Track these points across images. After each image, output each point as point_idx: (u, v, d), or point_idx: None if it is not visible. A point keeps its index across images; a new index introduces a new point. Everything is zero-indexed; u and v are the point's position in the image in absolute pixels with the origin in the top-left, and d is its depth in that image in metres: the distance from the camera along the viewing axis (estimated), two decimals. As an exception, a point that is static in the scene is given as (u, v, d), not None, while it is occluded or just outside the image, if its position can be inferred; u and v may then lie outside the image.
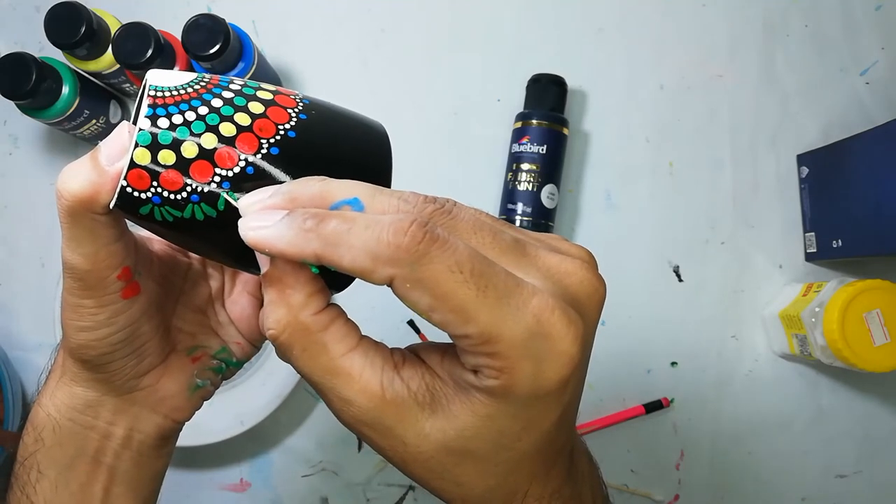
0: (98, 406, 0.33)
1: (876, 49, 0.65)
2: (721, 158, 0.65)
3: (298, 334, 0.24)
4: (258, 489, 0.63)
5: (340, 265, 0.22)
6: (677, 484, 0.63)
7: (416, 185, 0.70)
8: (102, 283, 0.28)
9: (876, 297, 0.54)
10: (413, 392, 0.24)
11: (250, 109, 0.26)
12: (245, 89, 0.27)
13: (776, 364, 0.63)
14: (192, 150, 0.25)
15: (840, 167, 0.59)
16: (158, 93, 0.26)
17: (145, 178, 0.25)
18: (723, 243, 0.64)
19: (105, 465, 0.33)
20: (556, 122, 0.62)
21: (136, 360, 0.32)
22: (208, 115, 0.25)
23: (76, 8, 0.55)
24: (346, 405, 0.24)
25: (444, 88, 0.67)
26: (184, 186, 0.25)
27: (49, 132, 0.67)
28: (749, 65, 0.66)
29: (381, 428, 0.24)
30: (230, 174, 0.25)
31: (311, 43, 0.67)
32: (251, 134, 0.25)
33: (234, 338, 0.37)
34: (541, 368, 0.22)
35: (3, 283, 0.66)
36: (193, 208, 0.25)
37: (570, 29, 0.67)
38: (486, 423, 0.23)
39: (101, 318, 0.29)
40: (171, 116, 0.25)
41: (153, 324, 0.32)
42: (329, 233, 0.22)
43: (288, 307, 0.24)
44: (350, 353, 0.24)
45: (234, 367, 0.37)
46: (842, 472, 0.63)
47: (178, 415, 0.35)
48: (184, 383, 0.34)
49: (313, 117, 0.27)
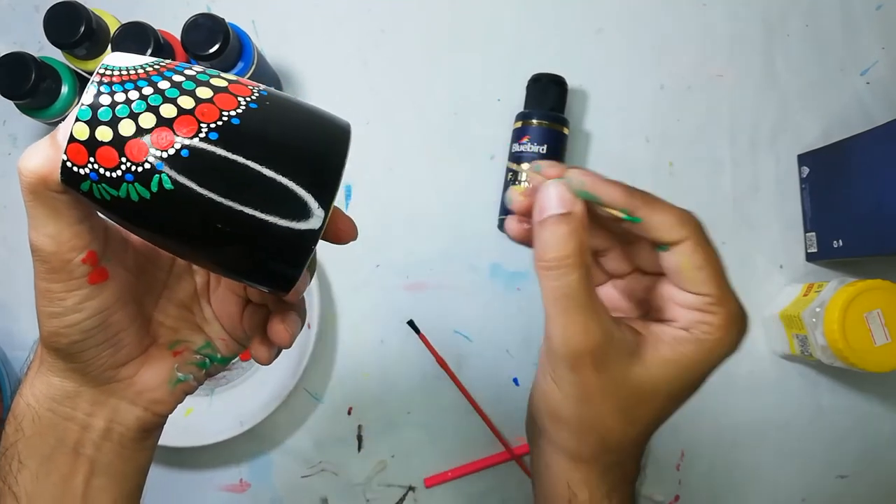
0: (76, 397, 0.33)
1: (876, 49, 0.65)
2: (721, 158, 0.65)
3: (583, 264, 0.31)
4: (258, 490, 0.63)
5: (649, 217, 0.31)
6: (678, 484, 0.63)
7: (417, 185, 0.71)
8: (67, 266, 0.29)
9: (876, 297, 0.54)
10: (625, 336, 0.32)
11: (197, 94, 0.26)
12: (199, 76, 0.27)
13: (777, 364, 0.63)
14: (130, 128, 0.25)
15: (840, 167, 0.59)
16: (108, 71, 0.26)
17: (83, 153, 0.25)
18: (723, 243, 0.64)
19: (85, 456, 0.33)
20: (557, 122, 0.62)
21: (112, 350, 0.32)
22: (151, 96, 0.25)
23: (75, 7, 0.55)
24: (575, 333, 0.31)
25: (444, 88, 0.66)
26: (119, 164, 0.25)
27: (48, 132, 0.67)
28: (749, 65, 0.66)
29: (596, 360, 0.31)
30: (165, 155, 0.25)
31: (311, 43, 0.67)
32: (191, 117, 0.25)
33: (219, 334, 0.36)
34: (737, 339, 0.32)
35: (3, 283, 0.66)
36: (128, 188, 0.25)
37: (570, 29, 0.67)
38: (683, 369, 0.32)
39: (70, 304, 0.29)
40: (115, 94, 0.25)
41: (128, 313, 0.32)
42: (648, 198, 0.32)
43: (582, 241, 0.31)
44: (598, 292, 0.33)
45: (219, 364, 0.37)
46: (842, 472, 0.63)
47: (158, 408, 0.35)
48: (164, 376, 0.34)
49: (266, 108, 0.27)
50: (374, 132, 0.66)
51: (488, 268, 0.65)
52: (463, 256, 0.65)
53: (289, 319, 0.35)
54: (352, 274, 0.65)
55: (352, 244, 0.70)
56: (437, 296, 0.64)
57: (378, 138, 0.66)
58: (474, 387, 0.63)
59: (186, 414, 0.61)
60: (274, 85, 0.63)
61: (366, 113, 0.66)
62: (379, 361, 0.63)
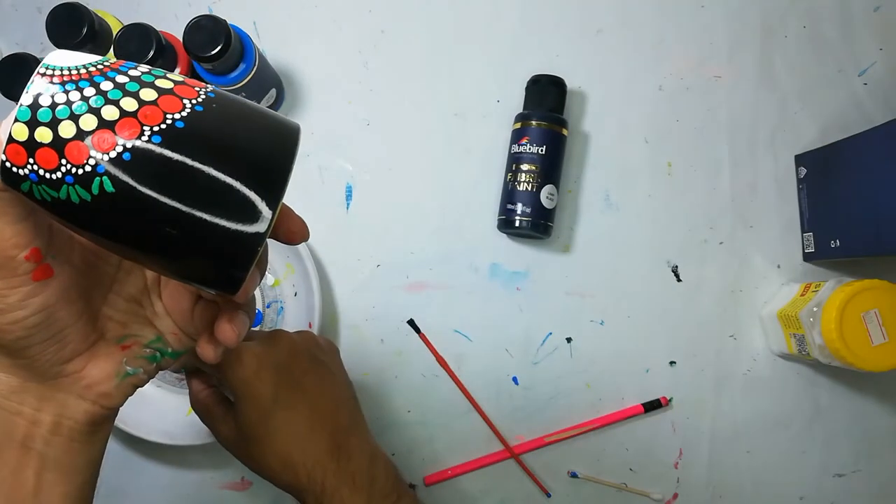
0: (22, 392, 0.33)
1: (874, 50, 0.65)
2: (719, 159, 0.65)
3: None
4: (259, 488, 0.64)
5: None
6: (676, 483, 0.63)
7: (417, 185, 0.71)
8: (10, 263, 0.28)
9: (874, 297, 0.54)
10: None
11: (140, 96, 0.25)
12: (144, 76, 0.26)
13: (774, 363, 0.64)
14: (70, 130, 0.24)
15: (838, 167, 0.59)
16: (49, 70, 0.25)
17: (22, 154, 0.25)
18: (721, 243, 0.65)
19: (35, 451, 0.33)
20: (556, 123, 0.62)
21: (57, 347, 0.32)
22: (93, 98, 0.25)
23: (78, 9, 0.55)
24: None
25: (444, 89, 0.67)
26: (59, 166, 0.24)
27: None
28: (748, 65, 0.66)
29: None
30: (106, 157, 0.24)
31: (312, 44, 0.68)
32: (134, 119, 0.25)
33: (171, 329, 0.36)
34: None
35: None
36: (68, 189, 0.25)
37: (570, 29, 0.67)
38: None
39: (13, 300, 0.29)
40: (55, 95, 0.25)
41: (73, 309, 0.32)
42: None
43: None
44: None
45: (169, 357, 0.37)
46: (840, 472, 0.63)
47: (106, 401, 0.34)
48: (111, 370, 0.34)
49: (211, 110, 0.26)
50: (374, 132, 0.67)
51: (488, 268, 0.65)
52: (463, 256, 0.65)
53: (236, 319, 0.35)
54: (352, 274, 0.65)
55: (352, 244, 0.71)
56: (437, 296, 0.64)
57: (378, 138, 0.66)
58: (474, 386, 0.64)
59: (188, 413, 0.61)
60: (275, 86, 0.64)
61: (366, 113, 0.67)
62: (379, 361, 0.64)
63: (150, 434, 0.59)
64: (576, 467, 0.63)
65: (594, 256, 0.65)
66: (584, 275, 0.65)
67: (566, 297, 0.65)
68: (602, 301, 0.64)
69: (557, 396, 0.64)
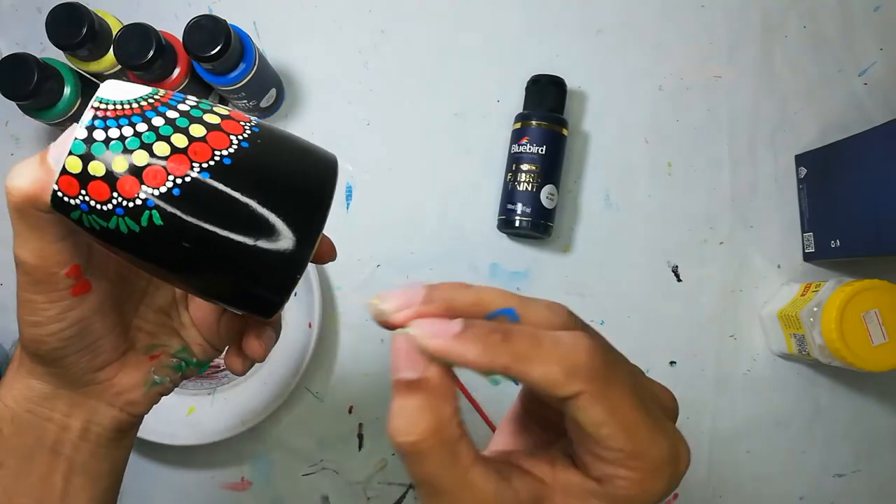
0: (54, 399, 0.33)
1: (874, 50, 0.65)
2: (720, 159, 0.65)
3: (442, 445, 0.24)
4: (259, 488, 0.64)
5: (527, 378, 0.24)
6: (676, 483, 0.63)
7: (417, 185, 0.71)
8: (51, 279, 0.29)
9: (874, 297, 0.54)
10: (522, 500, 0.25)
11: (190, 132, 0.26)
12: (193, 111, 0.27)
13: (774, 363, 0.64)
14: (123, 165, 0.25)
15: (838, 167, 0.59)
16: (102, 104, 0.26)
17: (74, 186, 0.25)
18: (721, 243, 0.65)
19: (64, 456, 0.34)
20: (556, 123, 0.62)
21: (91, 356, 0.33)
22: (145, 133, 0.26)
23: (78, 9, 0.55)
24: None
25: (444, 89, 0.67)
26: (110, 198, 0.25)
27: (51, 133, 0.67)
28: (748, 65, 0.66)
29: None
30: (157, 192, 0.25)
31: (312, 44, 0.68)
32: (184, 156, 0.26)
33: (196, 339, 0.37)
34: (667, 485, 0.26)
35: (3, 283, 0.67)
36: (118, 221, 0.26)
37: (570, 29, 0.67)
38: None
39: (52, 314, 0.30)
40: (109, 130, 0.26)
41: (108, 321, 0.33)
42: (520, 349, 0.24)
43: (438, 417, 0.24)
44: (475, 464, 0.25)
45: (193, 367, 0.38)
46: (840, 472, 0.63)
47: (134, 408, 0.35)
48: (140, 379, 0.35)
49: (256, 146, 0.27)
50: (374, 132, 0.67)
51: (488, 268, 0.65)
52: (463, 256, 0.65)
53: (264, 335, 0.36)
54: (352, 274, 0.65)
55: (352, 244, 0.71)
56: (437, 295, 0.64)
57: (378, 138, 0.66)
58: (474, 386, 0.63)
59: (189, 413, 0.61)
60: (275, 86, 0.64)
61: (366, 113, 0.66)
62: (379, 361, 0.64)
63: (150, 434, 0.59)
64: (576, 467, 0.63)
65: (594, 256, 0.65)
66: (583, 275, 0.65)
67: (566, 297, 0.64)
68: (602, 301, 0.64)
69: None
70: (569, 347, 0.24)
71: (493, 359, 0.24)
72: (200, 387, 0.63)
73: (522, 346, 0.24)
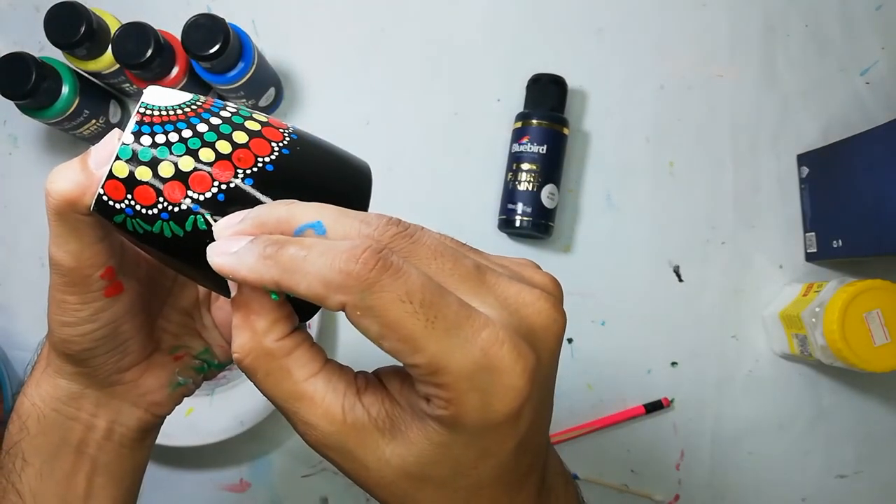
0: (81, 398, 0.34)
1: (876, 49, 0.65)
2: (721, 158, 0.65)
3: (262, 359, 0.24)
4: (258, 489, 0.63)
5: (297, 291, 0.22)
6: (677, 484, 0.63)
7: (417, 185, 0.71)
8: (86, 281, 0.29)
9: (876, 297, 0.54)
10: (373, 418, 0.24)
11: (234, 138, 0.27)
12: (234, 117, 0.28)
13: (776, 364, 0.63)
14: (169, 170, 0.26)
15: (840, 167, 0.59)
16: (148, 110, 0.27)
17: (121, 190, 0.26)
18: (723, 243, 0.64)
19: (88, 455, 0.34)
20: (556, 122, 0.62)
21: (119, 357, 0.33)
22: (191, 139, 0.26)
23: (76, 8, 0.55)
24: (309, 429, 0.24)
25: (444, 88, 0.66)
26: (155, 203, 0.26)
27: (49, 132, 0.67)
28: (749, 65, 0.66)
29: (343, 452, 0.24)
30: (202, 198, 0.26)
31: (311, 43, 0.67)
32: (229, 162, 0.26)
33: (218, 341, 0.37)
34: (488, 401, 0.22)
35: (3, 283, 0.66)
36: (163, 225, 0.26)
37: (570, 29, 0.67)
38: (441, 451, 0.23)
39: (84, 315, 0.30)
40: (155, 135, 0.26)
41: (136, 322, 0.33)
42: (286, 260, 0.22)
43: (252, 332, 0.24)
44: (313, 377, 0.24)
45: (215, 369, 0.38)
46: (842, 473, 0.63)
47: (158, 409, 0.36)
48: (165, 380, 0.36)
49: (296, 153, 0.28)
50: (374, 132, 0.66)
51: (488, 268, 0.65)
52: (463, 256, 0.65)
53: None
54: (352, 274, 0.65)
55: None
56: (437, 296, 0.64)
57: (378, 138, 0.66)
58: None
59: (187, 413, 0.61)
60: (274, 85, 0.64)
61: (366, 113, 0.66)
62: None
63: (149, 435, 0.59)
64: (577, 469, 0.62)
65: (595, 256, 0.65)
66: (585, 275, 0.64)
67: (567, 298, 0.64)
68: (603, 301, 0.64)
69: (558, 397, 0.63)
70: (334, 254, 0.21)
71: (263, 273, 0.22)
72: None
73: (290, 258, 0.22)
